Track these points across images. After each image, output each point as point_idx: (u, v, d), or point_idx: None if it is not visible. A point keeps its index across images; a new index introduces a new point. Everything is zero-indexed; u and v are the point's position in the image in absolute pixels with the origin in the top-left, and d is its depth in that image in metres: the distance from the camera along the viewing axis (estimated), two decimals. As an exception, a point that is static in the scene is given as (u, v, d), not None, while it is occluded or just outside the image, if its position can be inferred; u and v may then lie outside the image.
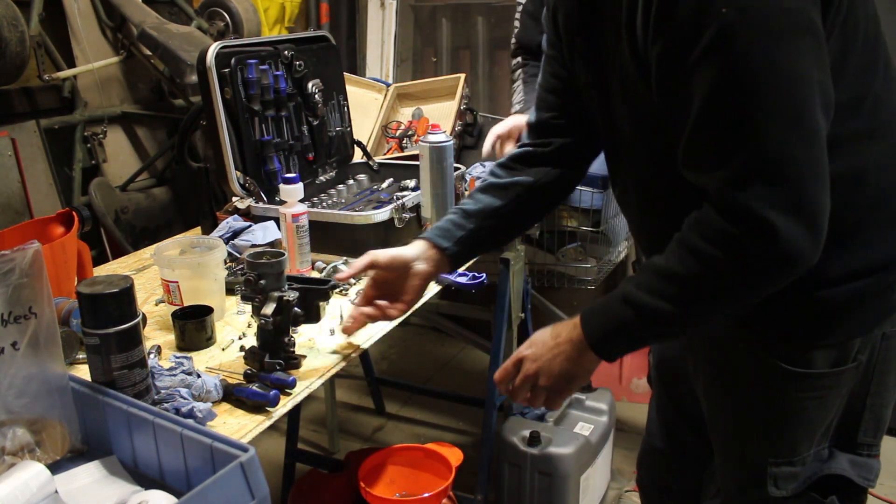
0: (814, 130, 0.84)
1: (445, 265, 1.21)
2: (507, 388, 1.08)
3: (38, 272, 0.91)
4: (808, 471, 1.08)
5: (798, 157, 0.83)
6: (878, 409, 1.08)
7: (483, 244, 1.26)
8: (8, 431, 0.91)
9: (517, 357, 1.06)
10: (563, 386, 1.03)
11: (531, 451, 1.95)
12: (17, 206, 2.27)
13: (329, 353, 1.23)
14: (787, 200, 0.83)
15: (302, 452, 2.34)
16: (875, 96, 0.94)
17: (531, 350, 1.04)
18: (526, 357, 1.04)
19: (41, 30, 2.35)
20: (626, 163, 1.10)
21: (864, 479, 1.08)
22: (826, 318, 1.00)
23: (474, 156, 2.25)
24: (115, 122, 2.68)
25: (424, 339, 3.46)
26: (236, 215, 1.69)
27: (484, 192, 1.24)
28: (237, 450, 0.82)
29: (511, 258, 1.89)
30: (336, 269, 1.50)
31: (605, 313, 0.98)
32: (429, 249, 1.20)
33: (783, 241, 0.83)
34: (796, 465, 1.08)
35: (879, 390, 1.07)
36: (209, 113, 1.65)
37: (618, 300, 0.96)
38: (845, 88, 0.89)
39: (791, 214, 0.83)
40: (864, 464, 1.09)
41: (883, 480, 2.35)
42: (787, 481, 1.08)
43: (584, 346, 0.99)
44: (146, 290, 1.51)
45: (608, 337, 0.98)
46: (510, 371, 1.07)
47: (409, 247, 1.20)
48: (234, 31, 2.78)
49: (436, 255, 1.20)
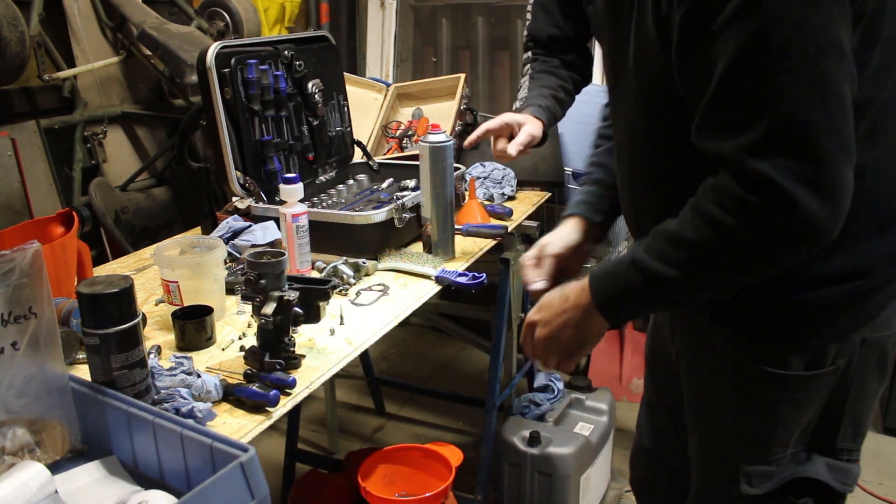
0: (841, 101, 0.81)
1: (597, 236, 1.27)
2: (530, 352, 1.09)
3: (38, 272, 0.91)
4: (782, 472, 1.07)
5: (823, 128, 0.80)
6: (858, 415, 1.07)
7: (618, 208, 1.24)
8: (8, 431, 0.91)
9: (529, 321, 1.07)
10: (574, 349, 1.04)
11: (531, 451, 1.95)
12: (17, 206, 2.27)
13: (329, 353, 1.23)
14: (809, 172, 0.80)
15: (302, 452, 2.34)
16: (883, 101, 0.92)
17: (540, 315, 1.05)
18: (537, 322, 1.06)
19: (41, 30, 2.35)
20: (623, 118, 1.08)
21: (842, 485, 1.07)
22: (803, 320, 0.99)
23: (474, 156, 2.25)
24: (115, 122, 2.68)
25: (424, 339, 3.46)
26: (236, 215, 1.69)
27: (609, 156, 1.25)
28: (237, 450, 0.82)
29: (511, 258, 1.89)
30: (336, 269, 1.50)
31: (614, 277, 0.97)
32: (585, 225, 1.25)
33: (801, 214, 0.81)
34: (770, 464, 1.07)
35: (860, 396, 1.05)
36: (209, 113, 1.65)
37: (626, 264, 0.95)
38: (859, 86, 0.86)
39: (812, 187, 0.80)
40: (842, 468, 1.07)
41: (882, 480, 2.36)
42: (761, 480, 1.08)
43: (592, 309, 0.99)
44: (146, 290, 1.51)
45: (616, 301, 0.98)
46: (526, 336, 1.09)
47: (571, 228, 1.25)
48: (234, 31, 2.78)
49: (590, 228, 1.25)
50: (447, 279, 1.51)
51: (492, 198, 2.08)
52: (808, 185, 0.80)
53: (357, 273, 1.51)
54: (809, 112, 0.80)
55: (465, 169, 2.08)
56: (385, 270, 1.58)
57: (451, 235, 1.65)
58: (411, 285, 1.51)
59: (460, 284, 1.50)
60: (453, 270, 1.54)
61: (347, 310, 1.38)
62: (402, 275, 1.57)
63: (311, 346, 1.25)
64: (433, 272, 1.54)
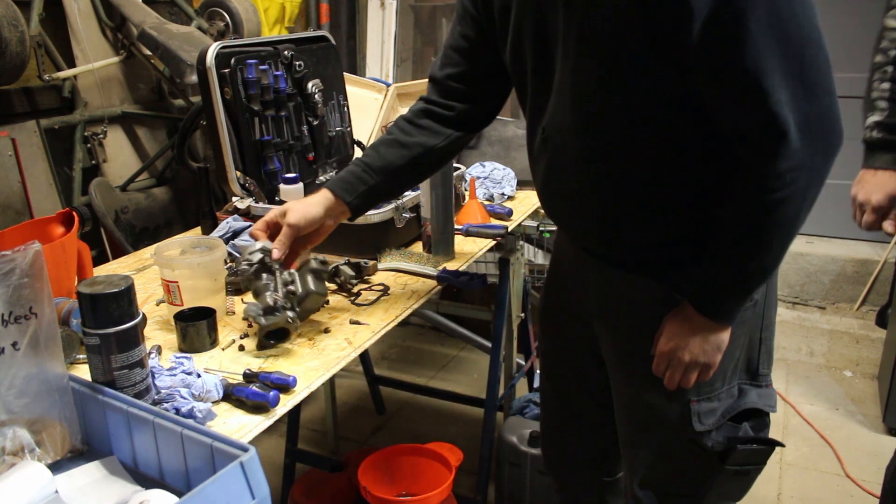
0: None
1: (346, 215, 1.31)
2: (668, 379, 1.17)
3: (39, 272, 0.91)
4: (723, 405, 1.20)
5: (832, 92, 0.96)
6: (769, 342, 1.22)
7: (380, 198, 1.35)
8: (8, 431, 0.91)
9: (665, 350, 1.15)
10: (713, 360, 1.14)
11: (531, 451, 1.95)
12: (17, 206, 2.27)
13: (329, 353, 1.23)
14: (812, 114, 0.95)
15: (302, 452, 2.34)
16: None
17: (676, 341, 1.13)
18: (676, 347, 1.13)
19: (41, 30, 2.35)
20: (573, 114, 1.11)
21: (769, 406, 1.22)
22: None
23: (474, 156, 2.25)
24: (115, 122, 2.68)
25: (424, 339, 3.46)
26: (236, 215, 1.69)
27: (388, 147, 1.32)
28: (237, 450, 0.82)
29: (511, 258, 1.89)
30: (338, 269, 1.50)
31: (726, 301, 1.10)
32: (334, 201, 1.28)
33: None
34: (713, 400, 1.19)
35: (768, 324, 1.22)
36: (209, 113, 1.65)
37: (740, 290, 1.09)
38: None
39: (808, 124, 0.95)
40: (766, 394, 1.22)
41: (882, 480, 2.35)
42: (708, 416, 1.19)
43: (720, 327, 1.12)
44: (146, 290, 1.51)
45: (734, 313, 1.11)
46: (661, 365, 1.17)
47: (317, 202, 1.27)
48: (234, 31, 2.78)
49: (340, 206, 1.29)
50: (447, 279, 1.51)
51: (492, 198, 2.08)
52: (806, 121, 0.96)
53: (358, 273, 1.51)
54: (824, 73, 0.95)
55: (465, 169, 2.08)
56: (385, 270, 1.58)
57: (451, 235, 1.65)
58: (411, 285, 1.51)
59: (460, 284, 1.50)
60: (453, 270, 1.54)
61: (347, 310, 1.38)
62: (402, 275, 1.57)
63: (311, 346, 1.25)
64: (433, 272, 1.54)
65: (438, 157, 1.34)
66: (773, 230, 1.02)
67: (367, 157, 1.32)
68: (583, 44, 1.03)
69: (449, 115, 1.32)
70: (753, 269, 1.06)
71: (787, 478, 2.40)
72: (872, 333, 3.20)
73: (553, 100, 1.13)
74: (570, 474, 1.54)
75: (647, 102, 1.02)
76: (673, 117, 1.03)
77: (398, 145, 1.32)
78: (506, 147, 2.28)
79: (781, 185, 0.98)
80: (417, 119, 1.34)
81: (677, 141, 1.05)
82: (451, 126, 1.33)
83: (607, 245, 1.19)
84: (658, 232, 1.13)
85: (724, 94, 0.97)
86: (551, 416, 1.52)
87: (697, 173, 1.08)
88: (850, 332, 3.27)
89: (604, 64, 1.02)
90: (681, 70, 0.97)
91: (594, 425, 1.44)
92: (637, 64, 0.99)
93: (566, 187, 1.18)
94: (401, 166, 1.31)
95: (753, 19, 0.89)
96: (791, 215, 1.01)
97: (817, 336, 3.29)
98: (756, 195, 1.00)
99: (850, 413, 2.77)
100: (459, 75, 1.30)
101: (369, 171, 1.30)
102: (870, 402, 2.83)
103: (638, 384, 1.24)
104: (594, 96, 1.06)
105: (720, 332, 1.12)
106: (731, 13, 0.89)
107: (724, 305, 1.10)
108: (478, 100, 1.32)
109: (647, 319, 1.19)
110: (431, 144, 1.32)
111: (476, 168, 2.15)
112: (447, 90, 1.32)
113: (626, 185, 1.11)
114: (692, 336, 1.12)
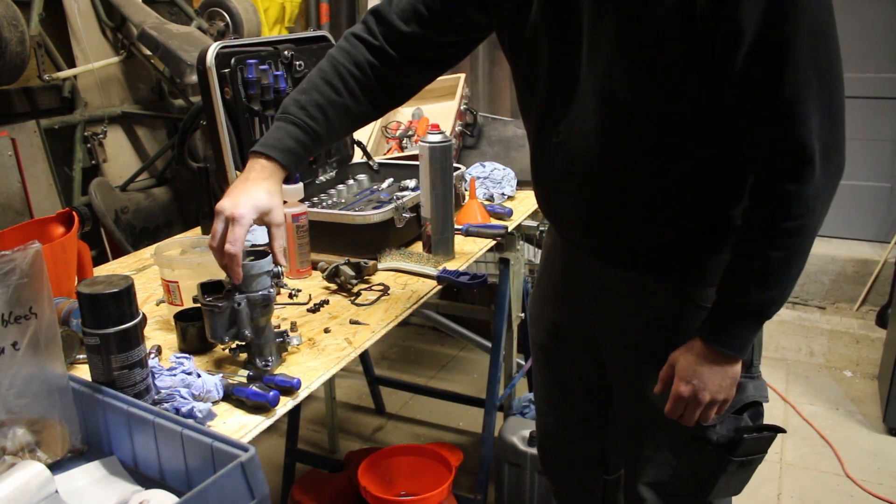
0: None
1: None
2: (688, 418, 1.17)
3: (39, 272, 0.91)
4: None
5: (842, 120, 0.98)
6: (760, 336, 1.21)
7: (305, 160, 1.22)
8: (8, 431, 0.91)
9: (685, 394, 1.13)
10: (731, 394, 1.14)
11: (531, 451, 1.95)
12: (17, 206, 2.27)
13: (329, 353, 1.23)
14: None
15: (302, 452, 2.34)
16: None
17: (695, 382, 1.12)
18: (696, 389, 1.12)
19: (41, 30, 2.35)
20: (594, 111, 1.09)
21: (763, 397, 1.23)
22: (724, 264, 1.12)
23: (474, 156, 2.25)
24: (115, 122, 2.68)
25: (424, 339, 3.46)
26: (236, 215, 1.69)
27: (337, 112, 1.19)
28: (237, 450, 0.82)
29: (511, 258, 1.89)
30: (338, 269, 1.50)
31: (743, 331, 1.09)
32: (279, 175, 1.15)
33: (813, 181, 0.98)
34: None
35: None
36: (209, 113, 1.65)
37: (757, 319, 1.09)
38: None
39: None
40: (759, 385, 1.23)
41: (882, 480, 2.36)
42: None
43: (735, 359, 1.11)
44: (146, 290, 1.51)
45: (749, 344, 1.11)
46: (677, 409, 1.16)
47: (264, 190, 1.12)
48: (234, 31, 2.78)
49: (282, 176, 1.16)
50: (447, 279, 1.51)
51: (492, 198, 2.08)
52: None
53: (358, 273, 1.51)
54: (839, 95, 0.97)
55: (465, 169, 2.08)
56: (385, 270, 1.58)
57: (451, 235, 1.65)
58: (411, 285, 1.51)
59: (460, 284, 1.50)
60: (453, 270, 1.54)
61: (347, 310, 1.38)
62: (402, 275, 1.57)
63: (311, 346, 1.25)
64: (433, 272, 1.54)
65: (363, 121, 1.27)
66: (792, 257, 1.03)
67: (317, 122, 1.18)
68: (616, 53, 1.02)
69: (396, 82, 1.21)
70: (772, 299, 1.06)
71: (787, 478, 2.40)
72: (872, 333, 3.20)
73: (575, 105, 1.12)
74: (567, 475, 1.54)
75: (677, 113, 1.02)
76: (700, 130, 1.04)
77: (346, 114, 1.21)
78: (506, 147, 2.28)
79: (804, 211, 0.99)
80: (367, 78, 1.21)
81: (701, 150, 1.06)
82: (391, 98, 1.24)
83: (617, 245, 1.19)
84: (671, 232, 1.14)
85: (758, 114, 0.98)
86: (548, 417, 1.52)
87: (716, 178, 1.10)
88: (850, 332, 3.27)
89: (638, 75, 1.02)
90: (717, 87, 0.98)
91: (592, 425, 1.44)
92: (673, 78, 0.99)
93: (582, 190, 1.17)
94: (342, 135, 1.25)
95: (796, 46, 0.91)
96: (808, 243, 1.02)
97: (817, 336, 3.29)
98: (777, 222, 1.01)
99: (850, 413, 2.77)
100: (422, 39, 1.19)
101: (318, 141, 1.19)
102: (870, 402, 2.83)
103: (640, 383, 1.23)
104: (623, 105, 1.05)
105: (736, 365, 1.12)
106: (777, 38, 0.91)
107: (743, 336, 1.09)
108: (425, 73, 1.24)
109: (651, 318, 1.19)
110: (373, 118, 1.25)
111: (476, 168, 2.15)
112: (406, 52, 1.20)
113: (646, 190, 1.11)
114: (710, 374, 1.11)
